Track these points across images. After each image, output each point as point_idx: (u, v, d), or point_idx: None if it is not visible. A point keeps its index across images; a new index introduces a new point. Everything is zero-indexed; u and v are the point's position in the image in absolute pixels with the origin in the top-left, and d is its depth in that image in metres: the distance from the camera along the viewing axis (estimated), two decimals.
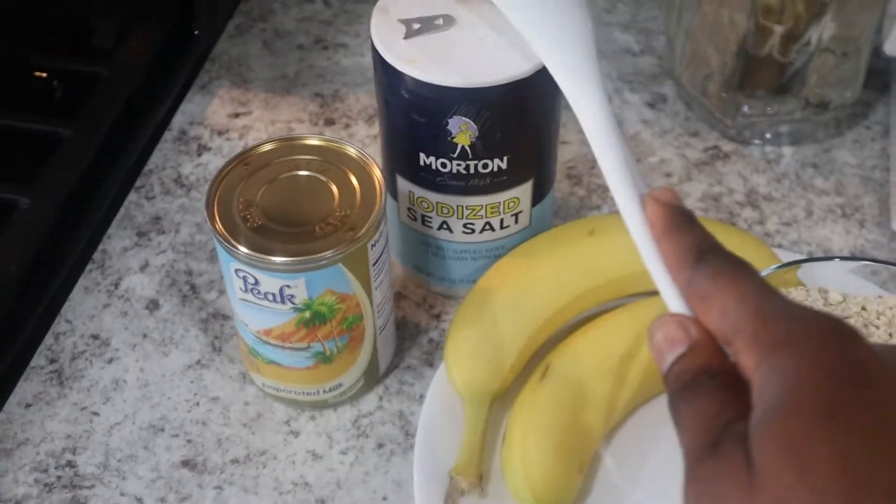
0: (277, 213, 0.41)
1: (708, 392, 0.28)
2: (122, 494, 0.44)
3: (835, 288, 0.42)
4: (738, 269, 0.29)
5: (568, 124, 0.53)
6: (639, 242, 0.31)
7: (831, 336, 0.26)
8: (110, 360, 0.49)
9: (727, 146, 0.58)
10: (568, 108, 0.38)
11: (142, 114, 0.59)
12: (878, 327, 0.40)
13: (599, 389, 0.44)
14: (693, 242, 0.30)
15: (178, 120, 0.60)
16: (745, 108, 0.57)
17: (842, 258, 0.41)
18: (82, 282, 0.52)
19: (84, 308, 0.51)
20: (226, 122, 0.60)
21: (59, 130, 0.56)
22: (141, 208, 0.56)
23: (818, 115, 0.57)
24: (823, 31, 0.53)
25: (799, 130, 0.58)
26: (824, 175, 0.57)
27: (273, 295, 0.41)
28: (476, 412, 0.43)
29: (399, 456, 0.45)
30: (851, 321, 0.40)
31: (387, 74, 0.43)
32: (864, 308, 0.41)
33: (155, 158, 0.58)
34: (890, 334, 0.40)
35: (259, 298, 0.42)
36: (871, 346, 0.27)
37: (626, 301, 0.47)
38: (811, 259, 0.42)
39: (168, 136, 0.59)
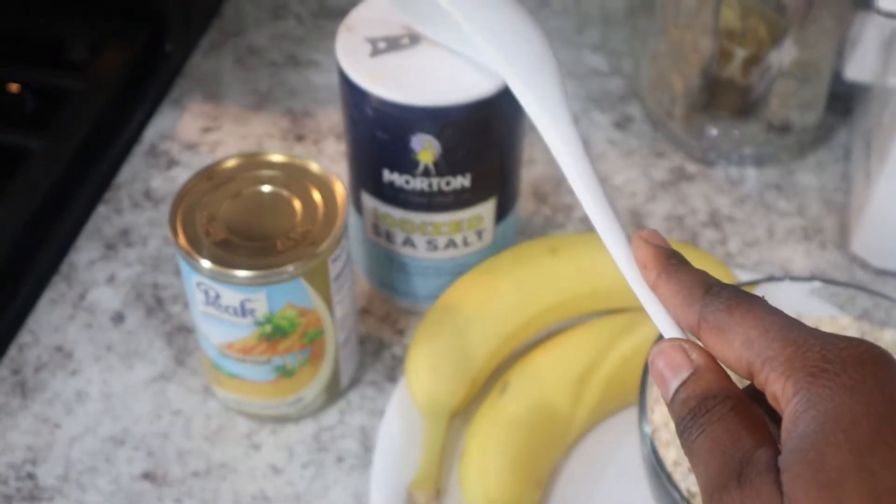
0: (240, 228, 0.42)
1: (720, 419, 0.27)
2: None
3: (790, 309, 0.43)
4: (751, 300, 0.28)
5: (535, 144, 0.54)
6: (620, 262, 0.31)
7: (869, 366, 0.26)
8: (73, 372, 0.49)
9: (692, 167, 0.59)
10: (533, 128, 0.38)
11: (113, 127, 0.59)
12: None
13: (558, 406, 0.44)
14: (697, 279, 0.29)
15: (149, 134, 0.60)
16: (710, 131, 0.58)
17: (793, 278, 0.42)
18: (48, 293, 0.52)
19: (49, 320, 0.51)
20: (196, 137, 0.60)
21: (29, 143, 0.56)
22: (109, 221, 0.56)
23: (781, 138, 0.58)
24: (785, 55, 0.54)
25: (762, 153, 0.59)
26: (787, 197, 0.58)
27: (234, 308, 0.41)
28: (435, 427, 0.44)
29: (359, 470, 0.46)
30: None
31: (352, 92, 0.44)
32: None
33: (125, 172, 0.58)
34: None
35: (220, 312, 0.42)
36: None
37: (587, 318, 0.48)
38: (764, 280, 0.42)
39: (138, 149, 0.60)
